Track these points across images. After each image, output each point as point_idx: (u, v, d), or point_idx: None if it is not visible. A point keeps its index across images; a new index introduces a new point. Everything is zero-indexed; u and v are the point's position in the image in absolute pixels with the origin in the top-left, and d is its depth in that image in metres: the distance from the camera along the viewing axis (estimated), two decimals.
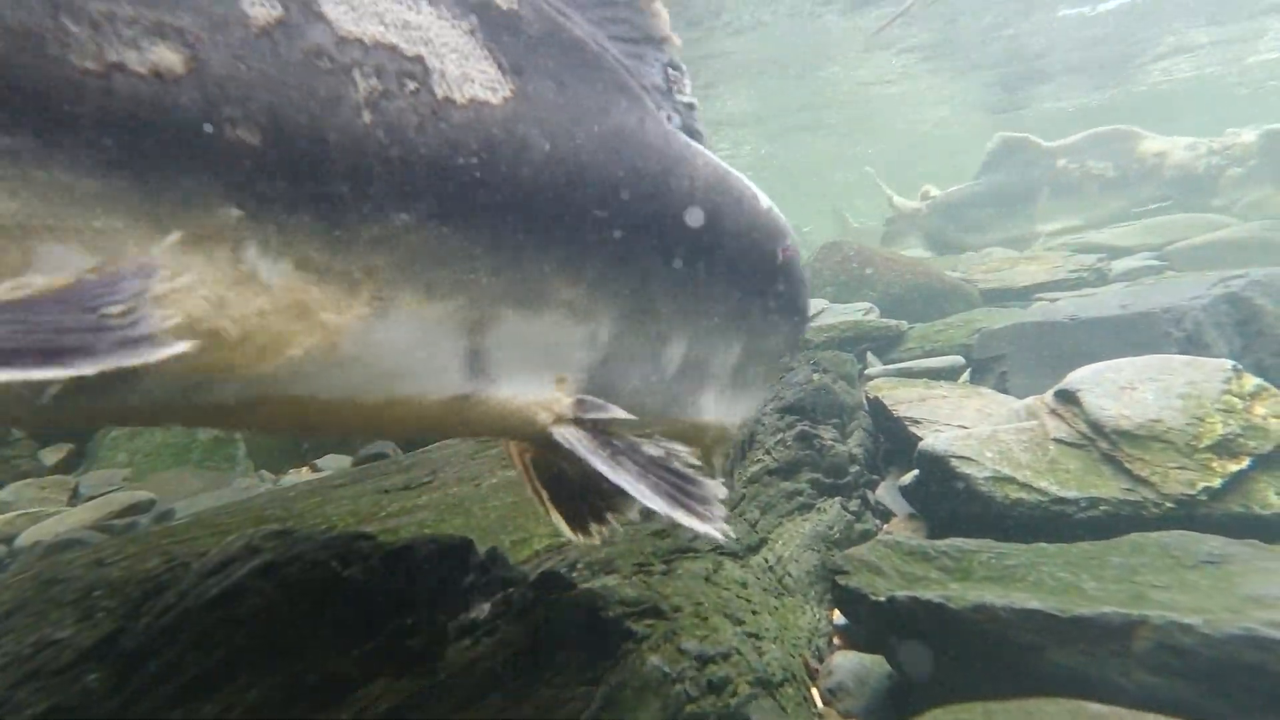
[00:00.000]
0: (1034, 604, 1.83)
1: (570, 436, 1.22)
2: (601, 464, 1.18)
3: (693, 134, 1.53)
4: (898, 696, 2.08)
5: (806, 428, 3.21)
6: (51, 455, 3.70)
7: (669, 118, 1.45)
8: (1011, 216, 11.76)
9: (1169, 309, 4.42)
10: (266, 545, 1.54)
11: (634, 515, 1.43)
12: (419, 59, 1.03)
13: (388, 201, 0.98)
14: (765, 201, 1.65)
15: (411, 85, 1.01)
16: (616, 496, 1.37)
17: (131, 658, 1.29)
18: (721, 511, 1.21)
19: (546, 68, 1.21)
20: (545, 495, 1.45)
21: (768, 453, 3.01)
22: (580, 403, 1.25)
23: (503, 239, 1.10)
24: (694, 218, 1.40)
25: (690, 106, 1.53)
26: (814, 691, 2.11)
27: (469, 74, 1.09)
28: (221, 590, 1.41)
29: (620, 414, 1.28)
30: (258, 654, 1.30)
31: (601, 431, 1.26)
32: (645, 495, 1.16)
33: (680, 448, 1.30)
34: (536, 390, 1.21)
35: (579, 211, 1.19)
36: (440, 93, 1.04)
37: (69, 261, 0.77)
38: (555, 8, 1.30)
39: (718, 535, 1.16)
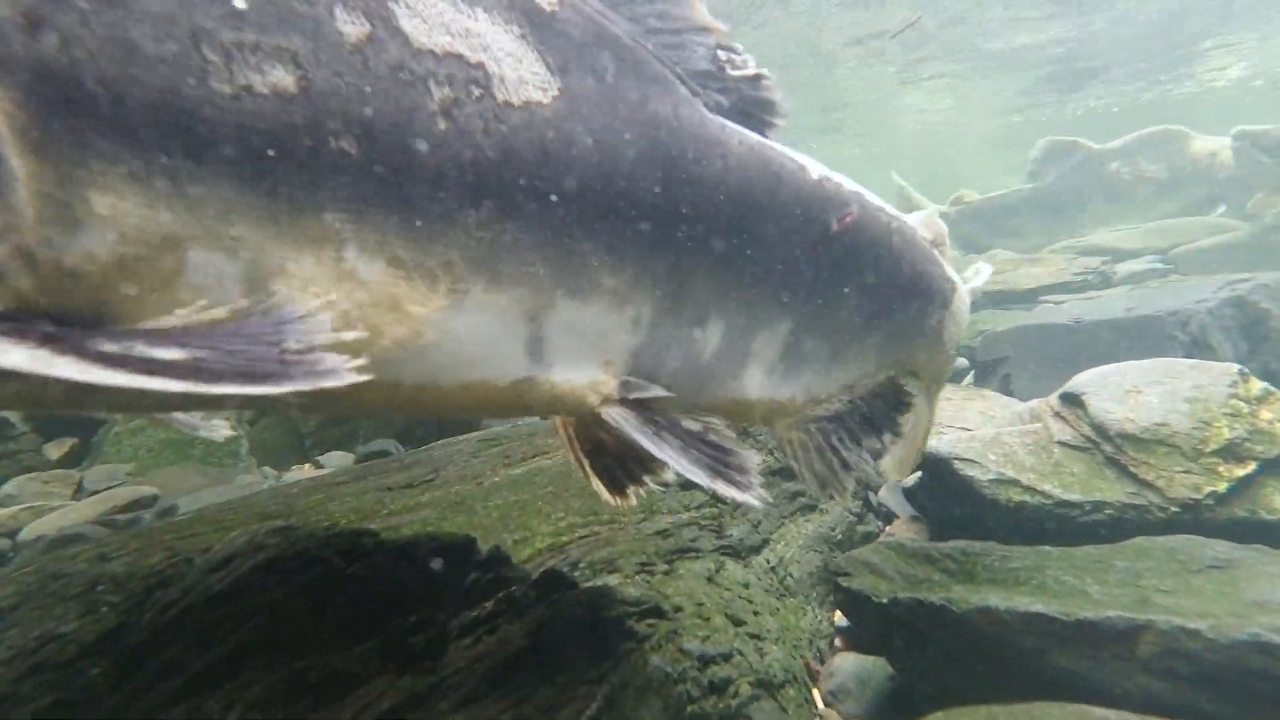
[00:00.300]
0: (1038, 607, 1.82)
1: (617, 416, 1.31)
2: (647, 441, 1.28)
3: (762, 105, 1.54)
4: (899, 699, 2.07)
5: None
6: (55, 450, 3.71)
7: (708, 103, 1.47)
8: (1060, 222, 11.22)
9: (1174, 312, 4.41)
10: (269, 542, 1.54)
11: (669, 477, 1.48)
12: (481, 65, 1.11)
13: (461, 201, 1.08)
14: (816, 172, 1.60)
15: (477, 91, 1.10)
16: (652, 462, 1.46)
17: (134, 653, 1.29)
18: (758, 480, 1.30)
19: (587, 64, 1.26)
20: (587, 464, 1.54)
21: (770, 453, 3.01)
22: (625, 384, 1.35)
23: (555, 231, 1.19)
24: (727, 199, 1.41)
25: (755, 79, 1.54)
26: (815, 693, 2.11)
27: (523, 76, 1.16)
28: (224, 586, 1.41)
29: (661, 393, 1.37)
30: (260, 651, 1.30)
31: (645, 409, 1.34)
32: (688, 469, 1.26)
33: (716, 420, 1.39)
34: (586, 373, 1.30)
35: (620, 201, 1.26)
36: (500, 97, 1.12)
37: (211, 266, 0.89)
38: (591, 5, 1.34)
39: (755, 502, 1.25)
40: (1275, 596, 1.76)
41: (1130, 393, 2.91)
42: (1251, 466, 2.55)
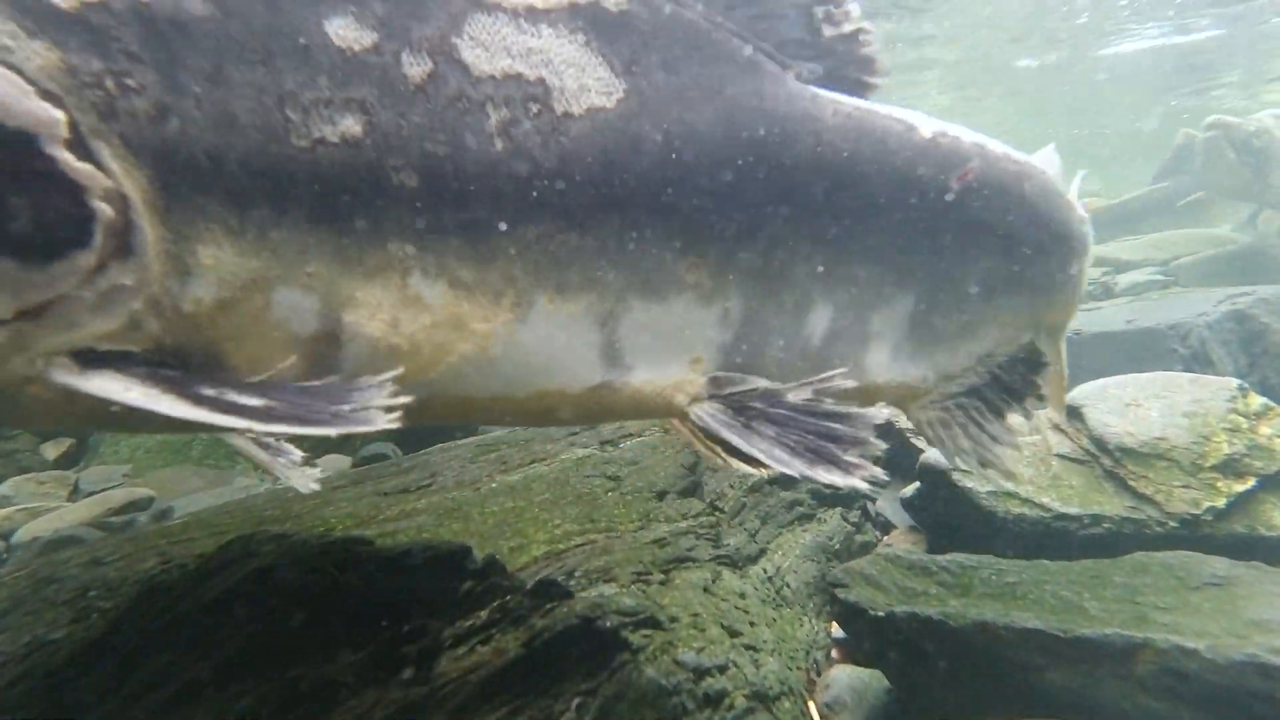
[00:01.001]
0: (1035, 623, 1.81)
1: (704, 414, 1.29)
2: (735, 436, 1.25)
3: (861, 64, 1.46)
4: (895, 712, 2.06)
5: None
6: (53, 450, 3.70)
7: (800, 74, 1.40)
8: (1192, 222, 10.00)
9: (1175, 325, 4.41)
10: (263, 549, 1.53)
11: None
12: (540, 81, 1.14)
13: (520, 217, 1.11)
14: (929, 129, 1.48)
15: (535, 108, 1.13)
16: None
17: (125, 661, 1.28)
18: (874, 449, 1.23)
19: (658, 59, 1.25)
20: (720, 449, 1.51)
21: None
22: (715, 380, 1.32)
23: (624, 234, 1.18)
24: (822, 176, 1.34)
25: (854, 35, 1.44)
26: (811, 705, 2.09)
27: (585, 84, 1.17)
28: (217, 594, 1.40)
29: (761, 384, 1.32)
30: (251, 660, 1.29)
31: (738, 400, 1.30)
32: (780, 460, 1.22)
33: (834, 377, 1.33)
34: (672, 373, 1.29)
35: (696, 195, 1.23)
36: (560, 109, 1.15)
37: (291, 301, 1.00)
38: None
39: (860, 485, 1.19)
40: (1274, 616, 1.75)
41: (1129, 406, 2.91)
42: (1250, 482, 2.55)
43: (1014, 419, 1.77)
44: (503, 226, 1.09)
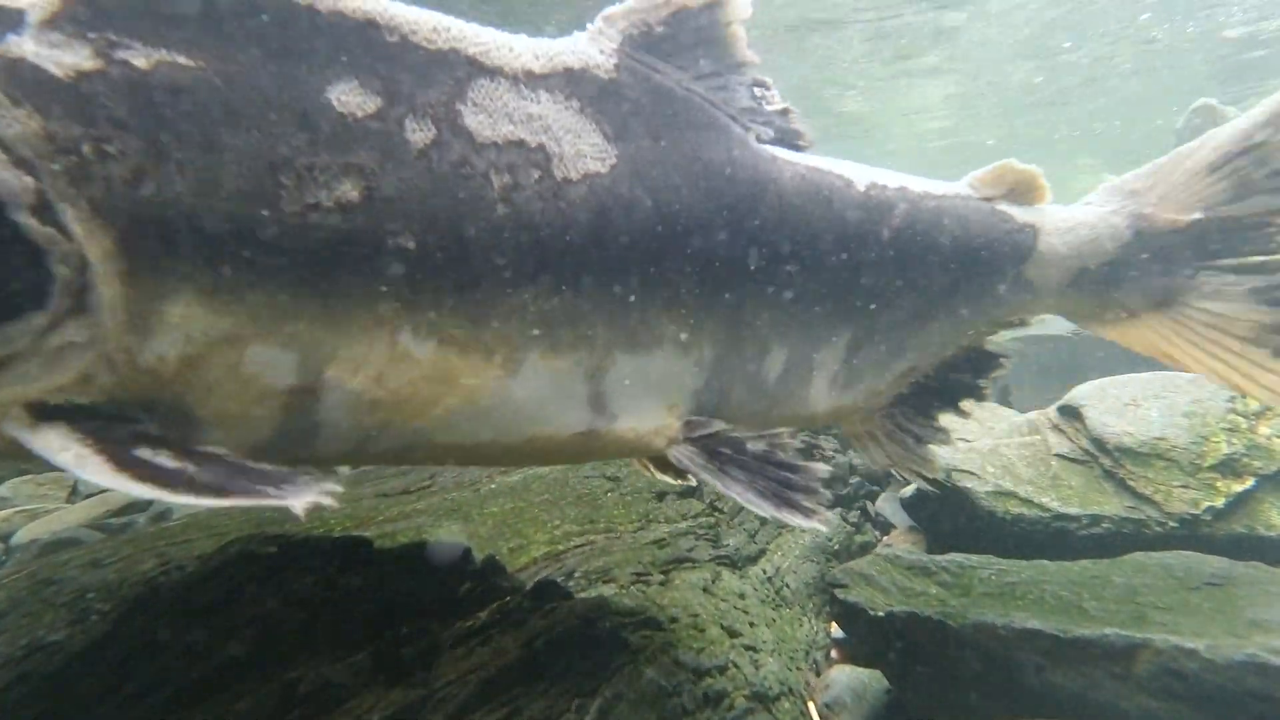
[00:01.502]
0: (1034, 623, 1.82)
1: (683, 456, 1.38)
2: (713, 479, 1.34)
3: (792, 136, 1.57)
4: (895, 712, 2.06)
5: (807, 437, 3.20)
6: None
7: (758, 136, 1.50)
8: None
9: None
10: (262, 551, 1.53)
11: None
12: (541, 147, 1.17)
13: (517, 279, 1.13)
14: (863, 183, 1.59)
15: (536, 174, 1.16)
16: None
17: (124, 663, 1.28)
18: (823, 498, 1.36)
19: (643, 126, 1.31)
20: (671, 474, 1.69)
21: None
22: (689, 424, 1.40)
23: (614, 294, 1.23)
24: (781, 232, 1.43)
25: (785, 112, 1.56)
26: (811, 706, 2.09)
27: (581, 150, 1.22)
28: (216, 596, 1.40)
29: (723, 426, 1.42)
30: (251, 661, 1.29)
31: (709, 442, 1.39)
32: (753, 503, 1.30)
33: (782, 434, 1.44)
34: (651, 420, 1.36)
35: (678, 255, 1.30)
36: (559, 174, 1.18)
37: (268, 357, 0.99)
38: (646, 64, 1.37)
39: (821, 528, 1.30)
40: (1272, 615, 1.75)
41: (1129, 406, 2.91)
42: (1249, 482, 2.55)
43: (945, 418, 1.90)
44: (500, 289, 1.12)
